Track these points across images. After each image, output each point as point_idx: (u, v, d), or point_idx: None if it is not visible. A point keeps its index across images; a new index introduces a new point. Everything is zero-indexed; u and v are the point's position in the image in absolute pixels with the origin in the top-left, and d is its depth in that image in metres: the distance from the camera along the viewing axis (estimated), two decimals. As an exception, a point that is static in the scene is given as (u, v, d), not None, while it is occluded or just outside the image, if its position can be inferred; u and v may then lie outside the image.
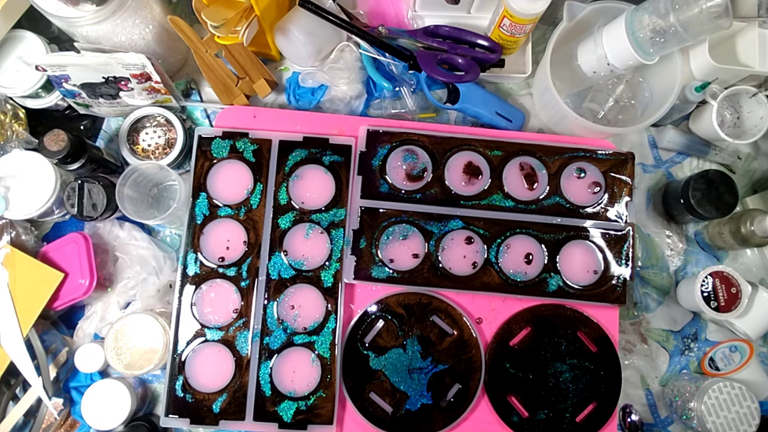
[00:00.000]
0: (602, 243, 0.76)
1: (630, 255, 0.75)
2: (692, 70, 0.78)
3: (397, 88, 0.81)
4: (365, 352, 0.73)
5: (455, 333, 0.74)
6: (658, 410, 0.80)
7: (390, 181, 0.77)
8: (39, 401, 0.72)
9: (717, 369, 0.79)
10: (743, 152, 0.86)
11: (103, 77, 0.72)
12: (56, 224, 0.80)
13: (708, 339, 0.81)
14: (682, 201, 0.78)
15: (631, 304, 0.78)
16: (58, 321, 0.77)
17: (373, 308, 0.74)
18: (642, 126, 0.75)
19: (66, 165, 0.72)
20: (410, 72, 0.79)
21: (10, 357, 0.70)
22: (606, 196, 0.77)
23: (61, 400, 0.72)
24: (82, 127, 0.82)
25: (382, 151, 0.78)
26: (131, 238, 0.77)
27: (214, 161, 0.76)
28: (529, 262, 0.75)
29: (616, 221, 0.77)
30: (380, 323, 0.74)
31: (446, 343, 0.74)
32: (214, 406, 0.71)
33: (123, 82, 0.73)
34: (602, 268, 0.75)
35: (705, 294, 0.75)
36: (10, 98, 0.77)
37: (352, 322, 0.74)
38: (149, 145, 0.79)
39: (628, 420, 0.77)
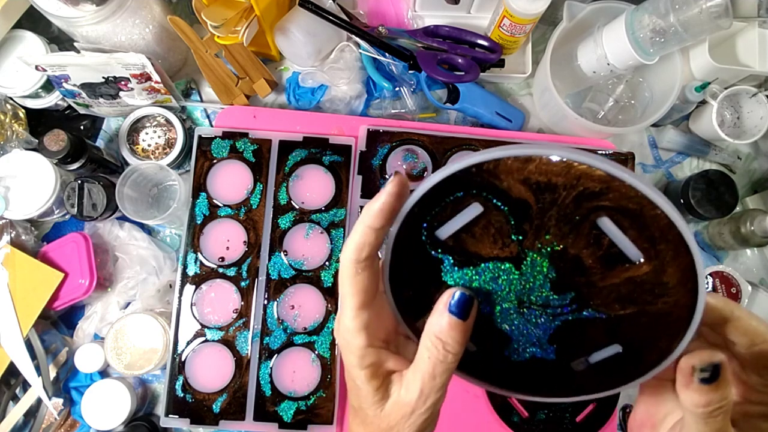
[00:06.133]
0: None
1: (631, 254, 0.73)
2: (692, 70, 0.78)
3: (397, 88, 0.81)
4: (437, 254, 0.34)
5: (645, 262, 0.31)
6: (658, 410, 0.80)
7: (390, 181, 0.76)
8: (39, 401, 0.72)
9: (717, 369, 0.78)
10: (743, 152, 0.86)
11: (103, 77, 0.72)
12: (56, 224, 0.80)
13: (708, 339, 0.81)
14: (682, 201, 0.78)
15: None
16: (58, 321, 0.77)
17: (465, 173, 0.31)
18: (642, 126, 0.75)
19: (66, 165, 0.72)
20: (410, 72, 0.79)
21: (10, 357, 0.70)
22: (607, 195, 0.75)
23: (61, 400, 0.72)
24: (82, 127, 0.82)
25: (382, 151, 0.77)
26: (131, 238, 0.77)
27: (214, 161, 0.76)
28: (529, 262, 0.73)
29: (616, 221, 0.75)
30: (475, 208, 0.32)
31: (619, 274, 0.31)
32: (214, 406, 0.71)
33: (123, 82, 0.73)
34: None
35: (705, 294, 0.75)
36: (10, 98, 0.77)
37: (421, 191, 0.32)
38: (149, 145, 0.79)
39: (629, 420, 0.77)
